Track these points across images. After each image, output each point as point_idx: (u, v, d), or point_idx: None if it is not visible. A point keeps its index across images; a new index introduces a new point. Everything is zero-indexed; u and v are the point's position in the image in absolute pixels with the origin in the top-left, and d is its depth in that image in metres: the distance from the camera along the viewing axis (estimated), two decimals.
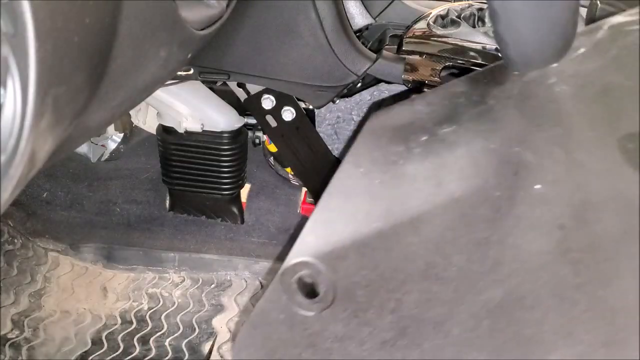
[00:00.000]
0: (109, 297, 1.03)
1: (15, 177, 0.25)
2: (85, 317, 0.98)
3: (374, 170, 0.42)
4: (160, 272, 1.09)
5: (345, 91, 0.87)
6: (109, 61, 0.32)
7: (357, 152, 0.43)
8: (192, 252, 1.10)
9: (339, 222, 0.40)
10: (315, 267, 0.38)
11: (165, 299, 1.03)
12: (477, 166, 0.43)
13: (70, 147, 0.38)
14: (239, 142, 1.03)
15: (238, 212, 1.12)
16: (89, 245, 1.11)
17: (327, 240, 0.39)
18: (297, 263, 0.38)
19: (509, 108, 0.47)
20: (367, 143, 0.44)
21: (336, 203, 0.41)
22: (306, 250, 0.39)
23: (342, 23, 0.76)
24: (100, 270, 1.09)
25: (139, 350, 0.93)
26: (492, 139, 0.45)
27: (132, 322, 0.98)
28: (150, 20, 0.37)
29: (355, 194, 0.42)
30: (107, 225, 1.14)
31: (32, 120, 0.24)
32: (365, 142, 0.44)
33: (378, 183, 0.42)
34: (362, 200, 0.41)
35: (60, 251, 1.11)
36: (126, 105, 0.46)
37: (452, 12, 0.83)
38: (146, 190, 1.18)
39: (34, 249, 1.10)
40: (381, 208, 0.41)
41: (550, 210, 0.40)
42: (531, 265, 0.38)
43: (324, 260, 0.38)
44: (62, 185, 1.19)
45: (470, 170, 0.43)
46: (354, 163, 0.43)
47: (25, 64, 0.23)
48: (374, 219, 0.40)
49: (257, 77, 0.82)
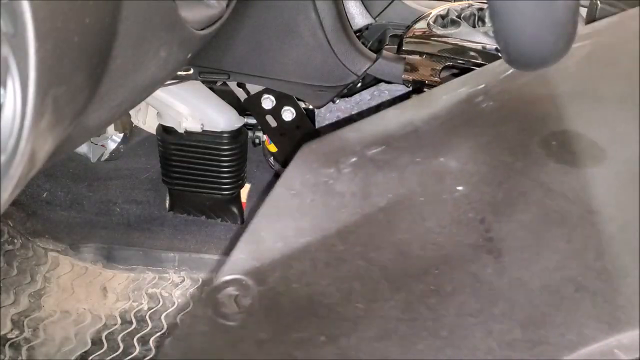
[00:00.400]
0: (108, 297, 1.03)
1: (15, 177, 0.25)
2: (85, 317, 0.98)
3: (305, 191, 0.45)
4: (160, 272, 1.09)
5: (345, 91, 0.86)
6: (108, 61, 0.32)
7: (289, 176, 0.46)
8: (192, 252, 1.10)
9: (269, 240, 0.43)
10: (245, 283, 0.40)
11: (165, 299, 1.03)
12: (403, 179, 0.46)
13: (70, 147, 0.38)
14: (239, 142, 1.03)
15: (238, 212, 1.12)
16: (88, 245, 1.11)
17: (257, 257, 0.41)
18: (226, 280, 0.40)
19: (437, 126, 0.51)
20: (299, 168, 0.47)
21: (267, 222, 0.44)
22: (236, 268, 0.41)
23: (342, 23, 0.76)
24: (100, 271, 1.09)
25: (139, 351, 0.93)
26: (418, 153, 0.48)
27: (132, 322, 0.98)
28: (150, 20, 0.37)
29: (287, 213, 0.44)
30: (107, 225, 1.14)
31: (32, 120, 0.24)
32: (298, 167, 0.47)
33: (309, 202, 0.45)
34: (293, 218, 0.44)
35: (60, 251, 1.11)
36: (126, 105, 0.46)
37: (452, 12, 0.83)
38: (146, 190, 1.18)
39: (33, 249, 1.10)
40: (311, 223, 0.44)
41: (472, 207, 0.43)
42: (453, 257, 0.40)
43: (252, 276, 0.41)
44: (62, 185, 1.19)
45: (396, 183, 0.46)
46: (285, 186, 0.46)
47: (25, 64, 0.23)
48: (303, 234, 0.43)
49: (257, 77, 0.82)
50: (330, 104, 0.88)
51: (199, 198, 1.09)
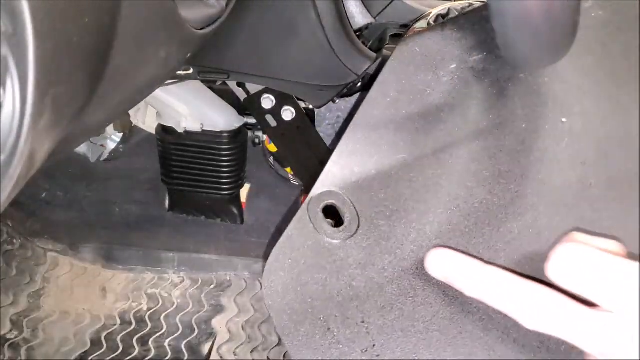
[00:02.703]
0: (108, 298, 1.03)
1: (15, 177, 0.24)
2: (84, 317, 0.98)
3: (400, 100, 0.42)
4: (159, 273, 1.09)
5: (345, 91, 0.86)
6: (108, 61, 0.32)
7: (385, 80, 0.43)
8: (192, 253, 1.10)
9: (364, 153, 0.41)
10: (340, 197, 0.40)
11: (164, 299, 1.03)
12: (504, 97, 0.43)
13: (69, 146, 0.38)
14: (238, 142, 1.03)
15: (238, 212, 1.12)
16: (88, 245, 1.11)
17: (352, 171, 0.40)
18: (322, 193, 0.40)
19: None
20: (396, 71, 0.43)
21: (362, 133, 0.41)
22: (331, 181, 0.40)
23: (342, 22, 0.75)
24: (100, 271, 1.08)
25: (139, 351, 0.92)
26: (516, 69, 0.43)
27: (132, 322, 0.98)
28: (149, 19, 0.37)
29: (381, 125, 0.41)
30: (106, 225, 1.14)
31: (31, 120, 0.24)
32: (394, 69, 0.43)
33: (404, 113, 0.42)
34: (388, 131, 0.41)
35: (60, 251, 1.11)
36: (125, 105, 0.46)
37: (453, 11, 0.83)
38: (145, 191, 1.18)
39: (33, 249, 1.10)
40: (406, 139, 0.41)
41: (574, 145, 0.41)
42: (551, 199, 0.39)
43: (348, 190, 0.40)
44: (61, 185, 1.18)
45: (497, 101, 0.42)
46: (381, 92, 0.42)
47: (25, 64, 0.23)
48: (399, 150, 0.41)
49: (257, 77, 0.82)
50: (330, 104, 0.88)
51: (199, 198, 1.09)
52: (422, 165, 0.40)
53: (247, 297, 1.05)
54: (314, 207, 0.39)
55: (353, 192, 0.39)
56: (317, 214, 0.39)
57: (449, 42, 0.44)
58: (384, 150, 0.41)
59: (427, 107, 0.42)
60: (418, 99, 0.42)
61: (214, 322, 0.99)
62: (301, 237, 0.39)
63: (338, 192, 0.40)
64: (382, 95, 0.42)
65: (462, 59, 0.44)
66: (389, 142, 0.41)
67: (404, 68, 0.43)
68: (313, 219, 0.39)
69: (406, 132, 0.41)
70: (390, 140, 0.41)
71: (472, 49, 0.44)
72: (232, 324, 0.99)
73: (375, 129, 0.41)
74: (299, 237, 0.39)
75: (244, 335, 0.97)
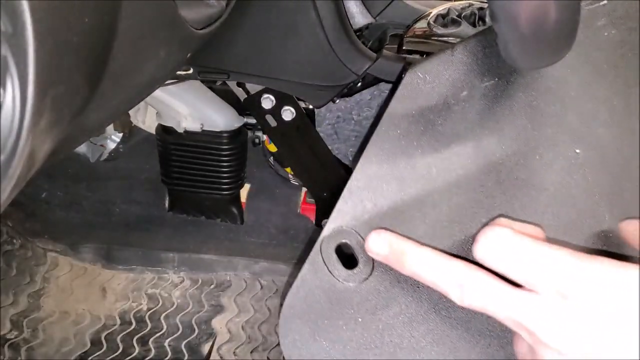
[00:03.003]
0: (108, 298, 1.02)
1: (14, 177, 0.24)
2: (84, 317, 0.98)
3: (411, 132, 0.41)
4: (159, 273, 1.09)
5: (345, 91, 0.86)
6: (108, 61, 0.32)
7: (394, 112, 0.41)
8: (192, 253, 1.10)
9: (375, 189, 0.39)
10: (354, 235, 0.38)
11: (164, 299, 1.03)
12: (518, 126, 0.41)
13: (69, 146, 0.38)
14: (238, 142, 1.03)
15: (238, 212, 1.12)
16: (88, 245, 1.11)
17: (364, 207, 0.39)
18: (335, 231, 0.38)
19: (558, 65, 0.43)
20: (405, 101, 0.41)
21: (372, 168, 0.40)
22: (343, 218, 0.39)
23: (342, 22, 0.75)
24: (100, 271, 1.08)
25: (138, 351, 0.92)
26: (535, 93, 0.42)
27: (132, 322, 0.97)
28: (150, 19, 0.37)
29: (392, 158, 0.40)
30: (106, 225, 1.14)
31: (31, 120, 0.24)
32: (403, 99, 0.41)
33: (415, 145, 0.40)
34: (399, 165, 0.40)
35: (59, 251, 1.10)
36: (125, 105, 0.46)
37: (453, 11, 0.83)
38: (145, 190, 1.18)
39: (32, 249, 1.10)
40: (418, 172, 0.40)
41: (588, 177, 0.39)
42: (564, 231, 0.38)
43: (361, 228, 0.38)
44: (61, 185, 1.18)
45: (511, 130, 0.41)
46: (391, 124, 0.41)
47: (24, 64, 0.23)
48: (410, 184, 0.39)
49: (257, 77, 0.82)
50: (330, 104, 0.88)
51: (199, 198, 1.09)
52: (434, 200, 0.39)
53: (247, 297, 1.05)
54: (327, 247, 0.38)
55: (366, 230, 0.38)
56: (330, 255, 0.37)
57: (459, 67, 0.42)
58: (395, 185, 0.39)
59: (438, 138, 0.40)
60: (429, 130, 0.41)
61: (213, 322, 0.99)
62: (315, 281, 0.37)
63: (350, 230, 0.38)
64: (392, 127, 0.41)
65: (473, 85, 0.42)
66: (400, 176, 0.39)
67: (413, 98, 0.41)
68: (327, 261, 0.37)
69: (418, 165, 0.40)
70: (402, 174, 0.39)
71: (483, 74, 0.42)
72: (232, 324, 0.99)
73: (386, 162, 0.40)
74: (313, 280, 0.37)
75: (244, 336, 0.97)
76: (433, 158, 0.40)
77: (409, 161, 0.40)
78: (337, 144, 0.93)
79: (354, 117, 0.89)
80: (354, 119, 0.89)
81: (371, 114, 0.88)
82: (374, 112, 0.87)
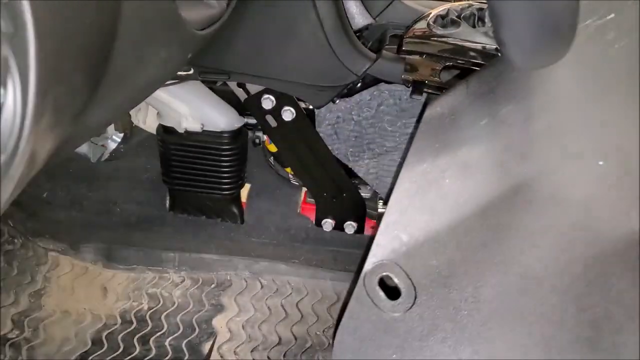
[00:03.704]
0: (109, 297, 1.03)
1: (16, 177, 0.25)
2: (85, 317, 0.98)
3: (437, 164, 0.42)
4: (160, 272, 1.09)
5: (345, 91, 0.86)
6: (109, 61, 0.32)
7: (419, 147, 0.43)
8: (192, 252, 1.10)
9: (410, 221, 0.40)
10: (394, 267, 0.39)
11: (165, 299, 1.03)
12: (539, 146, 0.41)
13: (70, 146, 0.38)
14: (239, 142, 1.03)
15: (238, 212, 1.12)
16: (89, 245, 1.11)
17: (401, 240, 0.40)
18: (376, 265, 0.39)
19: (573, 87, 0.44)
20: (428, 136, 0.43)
21: (405, 202, 0.41)
22: (382, 252, 0.40)
23: (342, 23, 0.76)
24: (100, 270, 1.09)
25: (139, 350, 0.93)
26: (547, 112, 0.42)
27: (132, 322, 0.98)
28: (150, 20, 0.37)
29: (422, 191, 0.41)
30: (107, 225, 1.14)
31: (32, 120, 0.24)
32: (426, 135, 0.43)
33: (443, 176, 0.41)
34: (429, 196, 0.41)
35: (60, 251, 1.11)
36: (126, 105, 0.46)
37: (452, 12, 0.83)
38: (146, 190, 1.18)
39: (34, 249, 1.10)
40: (448, 202, 0.40)
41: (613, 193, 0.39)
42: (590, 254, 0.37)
43: (400, 260, 0.39)
44: (62, 185, 1.19)
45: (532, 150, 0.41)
46: (417, 158, 0.42)
47: (26, 64, 0.23)
48: (442, 213, 0.40)
49: (257, 77, 0.82)
50: (330, 104, 0.88)
51: (199, 198, 1.09)
52: (467, 227, 0.39)
53: (248, 297, 1.05)
54: (370, 281, 0.39)
55: (405, 262, 0.39)
56: (374, 288, 0.39)
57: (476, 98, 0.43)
58: (427, 216, 0.40)
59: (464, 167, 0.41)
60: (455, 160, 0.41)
61: (214, 322, 0.99)
62: (363, 314, 0.38)
63: (390, 263, 0.39)
64: (419, 162, 0.42)
65: (491, 113, 0.42)
66: (431, 206, 0.40)
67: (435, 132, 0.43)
68: (371, 294, 0.38)
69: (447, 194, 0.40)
70: (432, 204, 0.40)
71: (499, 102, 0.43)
72: (232, 323, 0.99)
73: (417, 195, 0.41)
74: (360, 314, 0.38)
75: (245, 335, 0.97)
76: (461, 186, 0.41)
77: (438, 192, 0.41)
78: (337, 144, 0.93)
79: (353, 118, 0.89)
80: (354, 119, 0.89)
81: (371, 114, 0.88)
82: (373, 112, 0.87)
